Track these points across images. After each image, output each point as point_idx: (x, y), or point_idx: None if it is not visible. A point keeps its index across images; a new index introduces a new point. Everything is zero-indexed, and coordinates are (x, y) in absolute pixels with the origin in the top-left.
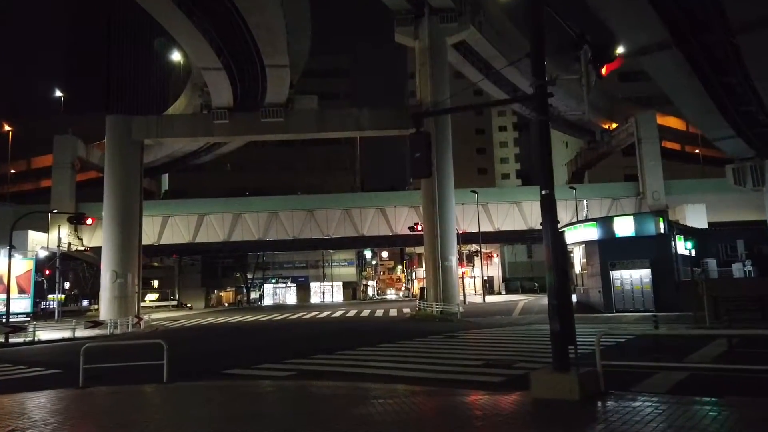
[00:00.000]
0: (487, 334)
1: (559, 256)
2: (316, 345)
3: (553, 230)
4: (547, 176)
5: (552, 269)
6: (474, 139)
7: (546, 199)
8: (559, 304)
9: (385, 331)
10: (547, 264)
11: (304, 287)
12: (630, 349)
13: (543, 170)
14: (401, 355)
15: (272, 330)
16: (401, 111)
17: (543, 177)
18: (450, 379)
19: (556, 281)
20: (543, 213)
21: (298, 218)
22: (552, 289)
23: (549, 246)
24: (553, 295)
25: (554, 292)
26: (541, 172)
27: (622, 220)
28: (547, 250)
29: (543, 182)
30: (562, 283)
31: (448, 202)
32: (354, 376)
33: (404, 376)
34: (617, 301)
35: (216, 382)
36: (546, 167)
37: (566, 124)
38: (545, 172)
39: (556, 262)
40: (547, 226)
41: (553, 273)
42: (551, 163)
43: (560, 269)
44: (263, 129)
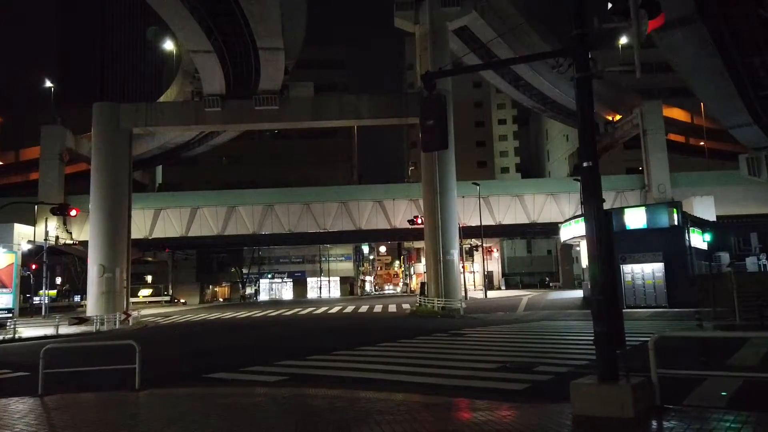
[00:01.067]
0: (495, 332)
1: (604, 243)
2: (312, 344)
3: (597, 211)
4: (589, 144)
5: (596, 259)
6: (473, 132)
7: (589, 174)
8: (606, 301)
9: (385, 329)
10: (589, 251)
11: (301, 282)
12: (662, 350)
13: (584, 137)
14: (405, 356)
15: (266, 327)
16: (401, 99)
17: (584, 145)
18: (465, 386)
19: (602, 273)
20: (585, 190)
21: (293, 211)
22: (596, 284)
23: (592, 230)
24: (598, 290)
25: (599, 286)
26: (581, 140)
27: (634, 212)
28: (590, 235)
29: (584, 152)
30: (609, 276)
31: (450, 192)
32: (354, 382)
33: (412, 383)
34: (628, 297)
35: (196, 389)
36: (587, 133)
37: (569, 115)
38: (587, 138)
39: (601, 250)
40: (591, 206)
41: (597, 264)
42: (593, 128)
43: (606, 259)
44: (257, 117)
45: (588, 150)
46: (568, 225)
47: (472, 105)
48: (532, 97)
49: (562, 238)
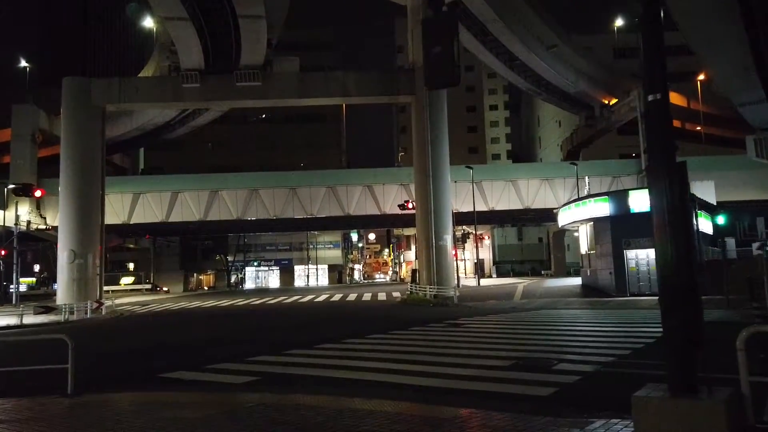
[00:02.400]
0: (494, 322)
1: (678, 206)
2: (294, 336)
3: (668, 160)
4: (656, 66)
5: (667, 233)
6: (465, 117)
7: (656, 111)
8: (682, 286)
9: (375, 319)
10: (656, 224)
11: (288, 270)
12: None
13: (651, 56)
14: (399, 350)
15: (246, 317)
16: (391, 76)
17: (650, 69)
18: (475, 390)
19: (675, 253)
20: (650, 134)
21: (279, 196)
22: (668, 266)
23: (663, 188)
24: (673, 275)
25: (673, 269)
26: (646, 60)
27: (639, 194)
28: (658, 195)
29: (651, 79)
30: (685, 251)
31: (443, 174)
32: (338, 384)
33: (409, 386)
34: (631, 284)
35: (142, 394)
36: (655, 52)
37: (564, 98)
38: (655, 60)
39: (676, 222)
40: (660, 153)
41: (669, 240)
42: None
43: (681, 227)
44: (239, 94)
45: (656, 76)
46: (567, 209)
47: (463, 89)
48: (527, 78)
49: (560, 223)
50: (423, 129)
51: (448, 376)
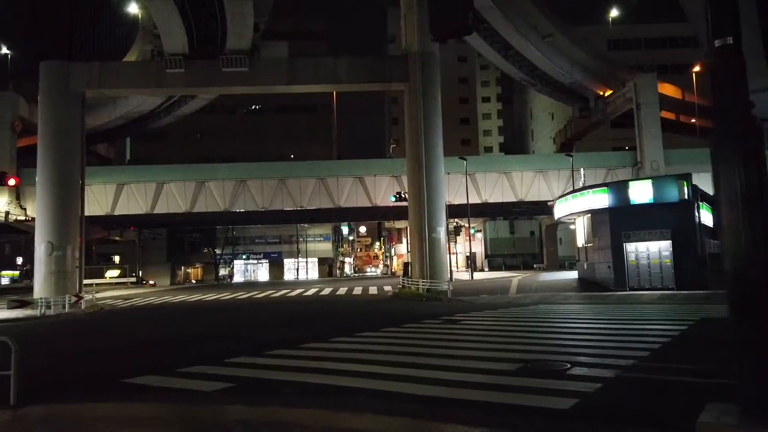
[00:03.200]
0: (493, 318)
1: (756, 190)
2: (278, 333)
3: (744, 132)
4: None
5: (742, 216)
6: (458, 108)
7: (726, 61)
8: (761, 283)
9: (366, 314)
10: (726, 204)
11: (277, 263)
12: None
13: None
14: (393, 351)
15: (231, 312)
16: (383, 62)
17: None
18: (484, 401)
19: (751, 240)
20: (718, 94)
21: (268, 187)
22: (741, 256)
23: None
24: (748, 266)
25: (748, 260)
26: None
27: (640, 185)
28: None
29: (716, 21)
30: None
31: (437, 164)
32: (326, 392)
33: (406, 395)
34: (631, 278)
35: (98, 405)
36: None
37: (558, 89)
38: None
39: (753, 203)
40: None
41: (744, 224)
42: None
43: (760, 215)
44: (225, 80)
45: (725, 14)
46: (564, 200)
47: (456, 80)
48: (521, 68)
49: (556, 215)
50: (416, 117)
51: (449, 382)
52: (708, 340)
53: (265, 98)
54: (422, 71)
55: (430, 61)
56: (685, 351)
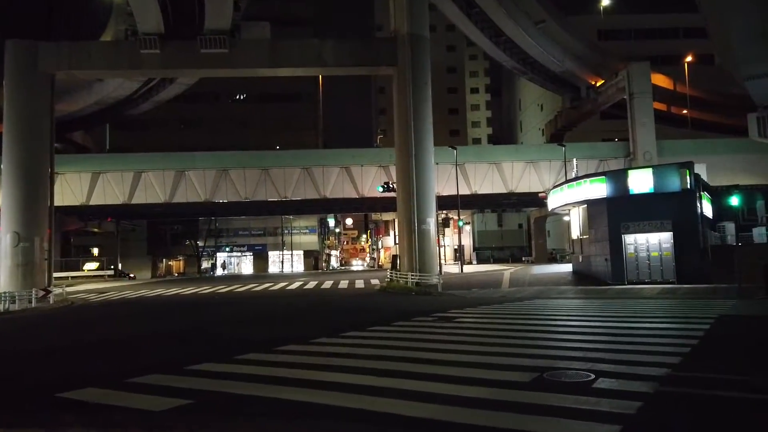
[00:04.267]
0: (490, 315)
1: None
2: (254, 332)
3: None
4: None
5: None
6: (447, 99)
7: None
8: None
9: (351, 310)
10: None
11: (262, 256)
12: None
13: None
14: (382, 355)
15: (207, 307)
16: (371, 45)
17: None
18: (499, 429)
19: None
20: None
21: (251, 177)
22: None
23: None
24: None
25: None
26: None
27: (639, 174)
28: None
29: None
30: None
31: (427, 153)
32: (301, 412)
33: (401, 418)
34: (630, 271)
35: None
36: None
37: (549, 78)
38: None
39: None
40: None
41: None
42: None
43: None
44: (203, 62)
45: None
46: (558, 191)
47: (445, 70)
48: (512, 56)
49: (550, 206)
50: (405, 103)
51: (450, 399)
52: (743, 343)
53: (249, 87)
54: (411, 54)
55: (419, 44)
56: (723, 356)
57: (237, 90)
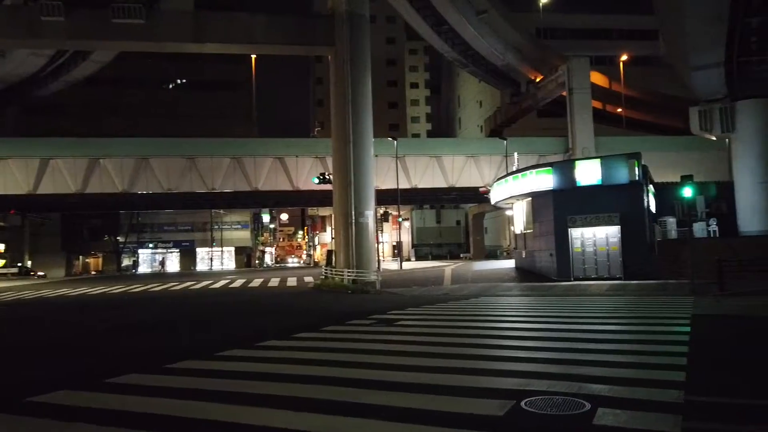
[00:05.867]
0: (436, 317)
1: None
2: (151, 342)
3: None
4: None
5: None
6: (386, 92)
7: None
8: None
9: (278, 312)
10: None
11: (189, 253)
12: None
13: None
14: (303, 375)
15: (112, 309)
16: (307, 22)
17: None
18: None
19: None
20: None
21: (175, 167)
22: None
23: None
24: None
25: None
26: None
27: (587, 165)
28: None
29: None
30: None
31: (366, 141)
32: None
33: None
34: (576, 267)
35: None
36: None
37: (491, 71)
38: None
39: None
40: None
41: None
42: None
43: None
44: (116, 34)
45: None
46: (503, 182)
47: (385, 62)
48: (454, 47)
49: (493, 199)
50: (343, 86)
51: None
52: (739, 350)
53: (179, 72)
54: (350, 34)
55: (359, 24)
56: (730, 368)
57: (165, 75)
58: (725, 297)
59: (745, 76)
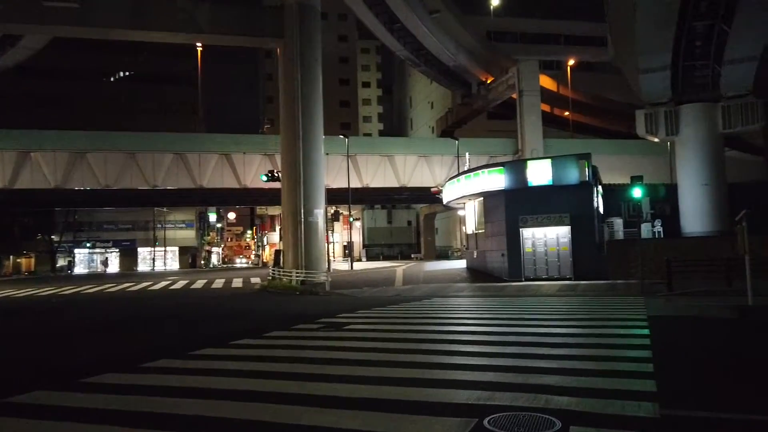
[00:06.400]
0: (388, 320)
1: None
2: (63, 352)
3: None
4: None
5: None
6: (338, 90)
7: None
8: None
9: (219, 316)
10: None
11: (130, 253)
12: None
13: None
14: (239, 390)
15: (33, 314)
16: (255, 13)
17: None
18: None
19: None
20: None
21: (113, 162)
22: None
23: None
24: None
25: None
26: None
27: (539, 164)
28: None
29: None
30: None
31: (316, 137)
32: None
33: None
34: (527, 267)
35: None
36: None
37: (443, 71)
38: None
39: None
40: None
41: None
42: None
43: None
44: (47, 17)
45: None
46: (455, 182)
47: (337, 60)
48: (406, 45)
49: (445, 199)
50: (293, 80)
51: None
52: (704, 353)
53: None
54: (301, 26)
55: (309, 15)
56: (700, 375)
57: (108, 67)
58: (674, 297)
59: (689, 81)
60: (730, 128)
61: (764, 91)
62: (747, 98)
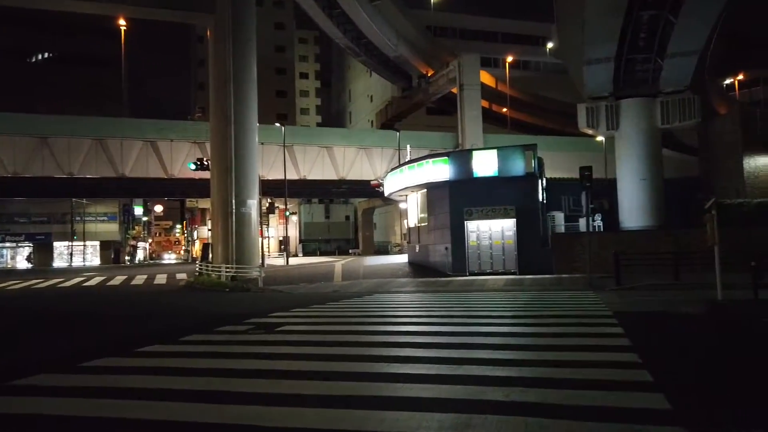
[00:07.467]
0: (325, 319)
1: None
2: None
3: None
4: None
5: None
6: (274, 80)
7: None
8: None
9: (132, 317)
10: None
11: (45, 247)
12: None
13: None
14: (142, 419)
15: None
16: None
17: None
18: None
19: None
20: None
21: (22, 147)
22: None
23: None
24: None
25: None
26: None
27: (485, 155)
28: None
29: None
30: None
31: (249, 122)
32: None
33: None
34: (471, 262)
35: None
36: None
37: (383, 63)
38: None
39: None
40: None
41: None
42: None
43: None
44: None
45: None
46: (397, 172)
47: (273, 48)
48: (346, 33)
49: (387, 191)
50: (224, 59)
51: None
52: (694, 356)
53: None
54: (234, 3)
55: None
56: (711, 388)
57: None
58: (624, 291)
59: (631, 75)
60: (668, 123)
61: (700, 88)
62: (684, 93)
